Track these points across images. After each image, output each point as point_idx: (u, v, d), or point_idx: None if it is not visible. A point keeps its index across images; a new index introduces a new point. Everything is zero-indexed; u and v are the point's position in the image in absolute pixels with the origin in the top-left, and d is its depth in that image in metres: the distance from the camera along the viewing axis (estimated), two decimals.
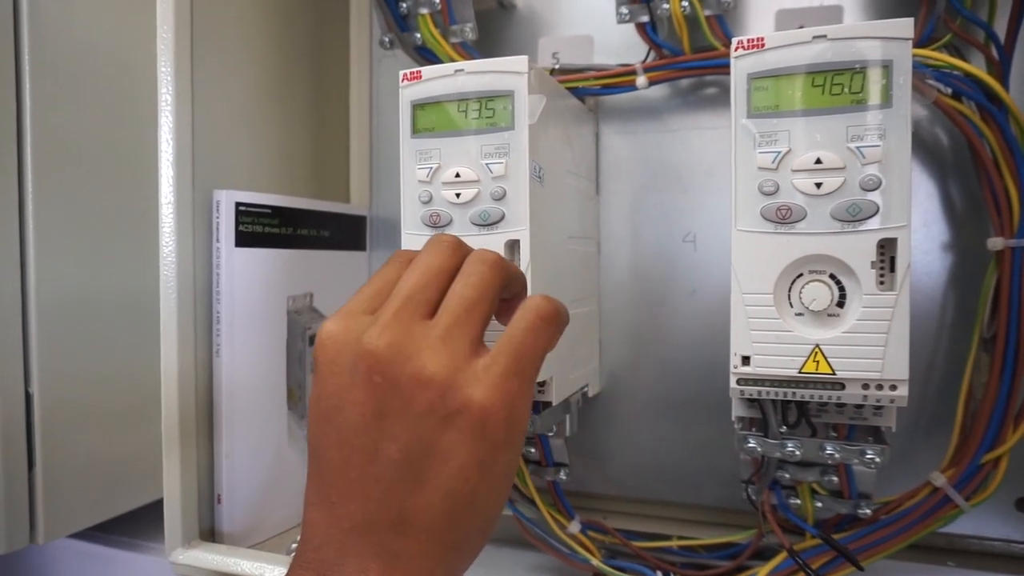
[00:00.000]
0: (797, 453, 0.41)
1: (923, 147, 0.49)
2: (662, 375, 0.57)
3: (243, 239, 0.52)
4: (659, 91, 0.55)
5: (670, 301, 0.56)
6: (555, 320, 0.31)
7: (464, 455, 0.28)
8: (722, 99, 0.54)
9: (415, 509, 0.28)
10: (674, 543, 0.52)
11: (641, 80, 0.51)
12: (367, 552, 0.28)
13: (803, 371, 0.37)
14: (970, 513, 0.44)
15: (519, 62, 0.41)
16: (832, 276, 0.37)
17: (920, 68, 0.42)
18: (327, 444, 0.29)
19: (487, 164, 0.41)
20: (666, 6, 0.48)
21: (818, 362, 0.37)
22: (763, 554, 0.48)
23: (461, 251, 0.32)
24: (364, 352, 0.28)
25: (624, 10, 0.50)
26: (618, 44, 0.56)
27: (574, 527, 0.51)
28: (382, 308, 0.30)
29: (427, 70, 0.43)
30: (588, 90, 0.53)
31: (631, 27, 0.51)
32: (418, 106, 0.43)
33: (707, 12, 0.48)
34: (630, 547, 0.51)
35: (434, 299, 0.30)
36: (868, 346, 0.36)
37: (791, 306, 0.38)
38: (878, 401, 0.37)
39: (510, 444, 0.29)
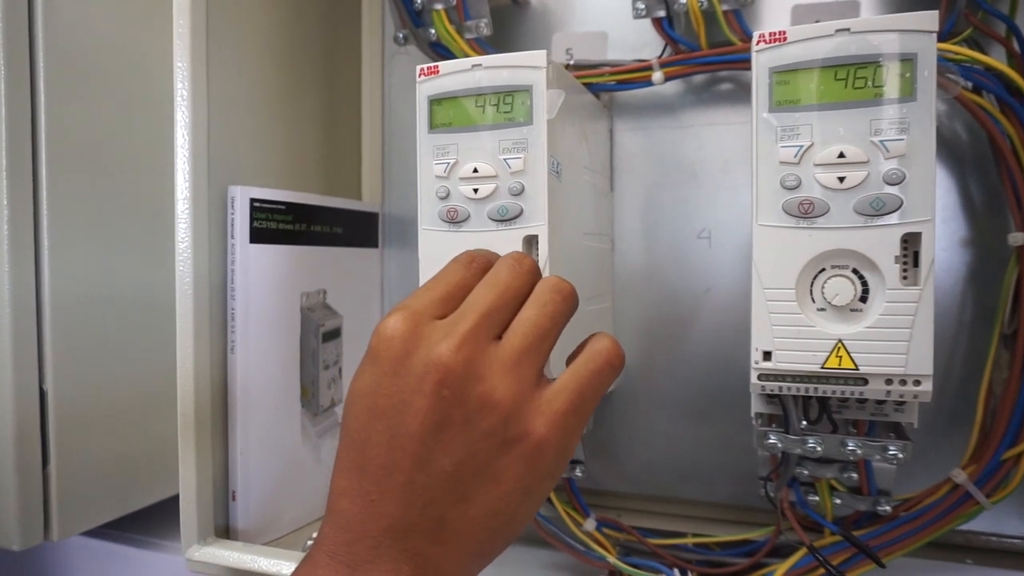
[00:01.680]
0: (818, 449, 0.41)
1: (942, 142, 0.49)
2: (677, 372, 0.56)
3: (257, 235, 0.52)
4: (673, 87, 0.55)
5: (684, 298, 0.56)
6: (620, 367, 0.32)
7: (514, 480, 0.29)
8: (737, 95, 0.54)
9: (456, 521, 0.28)
10: (690, 540, 0.52)
11: (657, 76, 0.50)
12: (400, 555, 0.28)
13: (826, 366, 0.37)
14: (990, 511, 0.43)
15: (538, 57, 0.41)
16: (855, 271, 0.37)
17: (941, 62, 0.42)
18: (376, 441, 0.28)
19: (505, 159, 0.41)
20: (683, 1, 0.48)
21: (841, 357, 0.37)
22: (779, 552, 0.48)
23: (536, 277, 0.32)
24: (438, 363, 0.28)
25: (640, 5, 0.50)
26: (632, 40, 0.56)
27: (589, 524, 0.51)
28: (457, 319, 0.30)
29: (444, 65, 0.43)
30: (603, 86, 0.53)
31: (644, 23, 0.51)
32: (435, 101, 0.43)
33: (724, 7, 0.48)
34: (646, 544, 0.51)
35: (506, 321, 0.30)
36: (892, 341, 0.36)
37: (813, 301, 0.37)
38: (901, 396, 0.36)
39: (555, 475, 0.30)
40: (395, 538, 0.28)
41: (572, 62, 0.54)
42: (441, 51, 0.55)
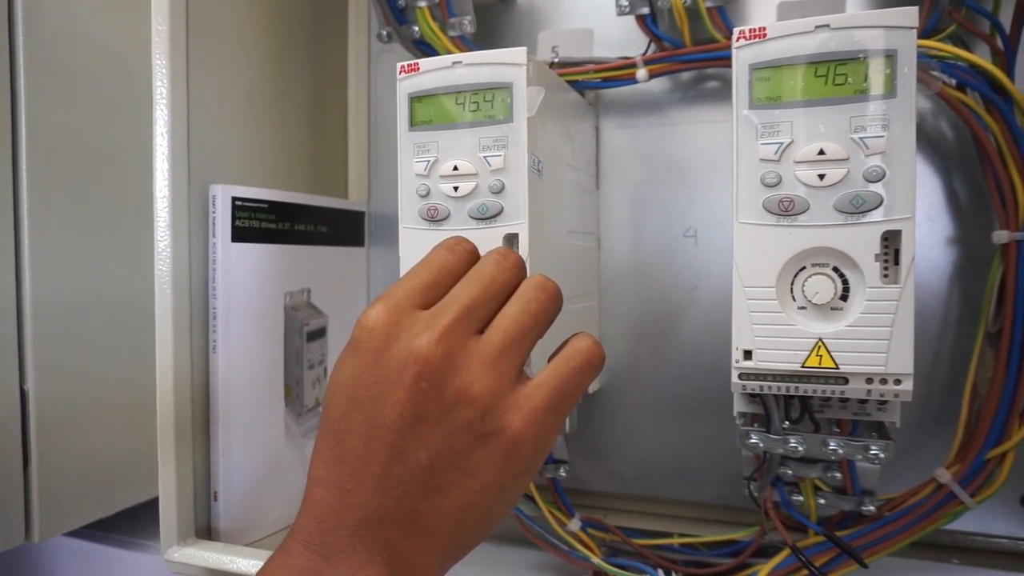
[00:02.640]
0: (800, 449, 0.40)
1: (927, 140, 0.49)
2: (663, 371, 0.56)
3: (240, 234, 0.52)
4: (660, 84, 0.55)
5: (671, 297, 0.56)
6: (600, 366, 0.32)
7: (489, 475, 0.29)
8: (723, 92, 0.54)
9: (429, 514, 0.28)
10: (675, 540, 0.51)
11: (641, 73, 0.50)
12: (374, 545, 0.28)
13: (806, 365, 0.37)
14: (975, 510, 0.43)
15: (517, 54, 0.40)
16: (835, 269, 0.36)
17: (924, 59, 0.42)
18: (355, 431, 0.28)
19: (485, 157, 0.41)
20: None
21: (821, 356, 0.36)
22: (765, 552, 0.47)
23: (522, 272, 0.32)
24: (417, 355, 0.28)
25: (624, 2, 0.49)
26: (618, 38, 0.56)
27: (574, 525, 0.50)
28: (439, 311, 0.30)
29: (424, 62, 0.42)
30: (588, 83, 0.52)
31: (631, 21, 0.51)
32: (415, 99, 0.43)
33: (708, 3, 0.47)
34: (631, 545, 0.51)
35: (489, 315, 0.31)
36: (872, 340, 0.35)
37: (794, 299, 0.37)
38: (882, 396, 0.36)
39: (531, 471, 0.30)
40: (369, 529, 0.28)
41: (557, 59, 0.54)
42: (425, 49, 0.55)
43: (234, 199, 0.51)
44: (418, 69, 0.42)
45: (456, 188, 0.41)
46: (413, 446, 0.28)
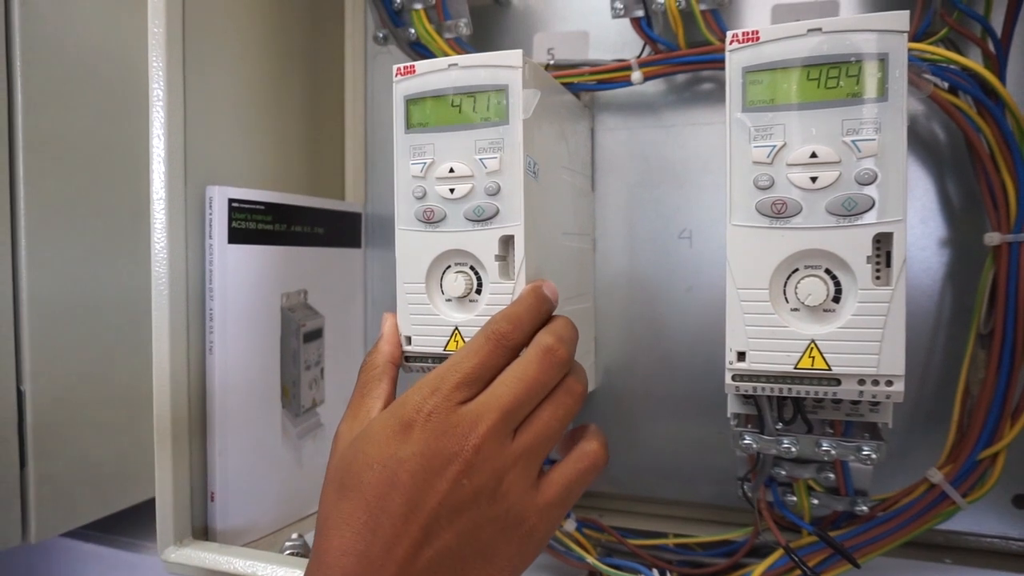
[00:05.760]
0: (793, 450, 0.41)
1: (920, 143, 0.49)
2: (658, 372, 0.56)
3: (236, 236, 0.52)
4: (655, 87, 0.55)
5: (666, 298, 0.56)
6: (603, 467, 0.36)
7: (504, 561, 0.33)
8: (718, 95, 0.54)
9: None
10: (670, 541, 0.52)
11: (636, 75, 0.50)
12: None
13: (799, 367, 0.37)
14: (967, 510, 0.44)
15: (513, 56, 0.41)
16: (828, 271, 0.37)
17: (916, 62, 0.42)
18: (392, 511, 0.31)
19: (481, 159, 0.41)
20: (661, 1, 0.48)
21: (814, 358, 0.36)
22: (759, 552, 0.48)
23: (566, 368, 0.36)
24: (464, 458, 0.32)
25: (619, 4, 0.50)
26: (613, 40, 0.56)
27: (570, 525, 0.51)
28: (482, 413, 0.33)
29: (420, 64, 0.42)
30: (583, 85, 0.53)
31: (626, 24, 0.51)
32: (411, 101, 0.43)
33: (702, 6, 0.48)
34: (626, 545, 0.51)
35: (526, 413, 0.34)
36: (864, 341, 0.36)
37: (786, 301, 0.37)
38: (874, 397, 0.36)
39: (537, 553, 0.35)
40: None
41: (553, 62, 0.54)
42: (421, 51, 0.55)
43: (231, 200, 0.52)
44: (414, 71, 0.43)
45: (452, 190, 0.41)
46: (446, 533, 0.31)
